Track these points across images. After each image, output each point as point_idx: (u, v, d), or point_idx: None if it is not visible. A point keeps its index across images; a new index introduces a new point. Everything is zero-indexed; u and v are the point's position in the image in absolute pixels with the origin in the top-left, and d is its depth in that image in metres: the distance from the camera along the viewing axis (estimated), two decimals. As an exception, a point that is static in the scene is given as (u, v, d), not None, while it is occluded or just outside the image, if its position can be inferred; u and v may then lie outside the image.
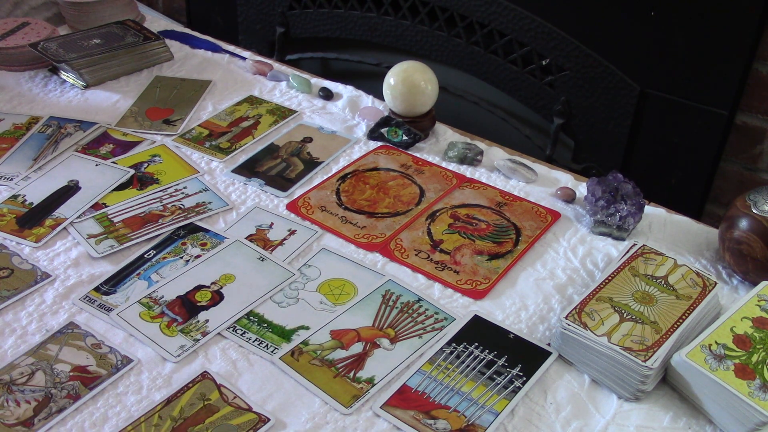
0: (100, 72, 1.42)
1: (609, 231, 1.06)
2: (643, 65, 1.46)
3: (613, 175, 1.10)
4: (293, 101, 1.39)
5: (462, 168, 1.21)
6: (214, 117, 1.33)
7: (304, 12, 1.91)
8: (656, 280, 0.91)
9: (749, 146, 1.49)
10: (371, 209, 1.11)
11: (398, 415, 0.80)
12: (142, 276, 0.98)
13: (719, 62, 1.38)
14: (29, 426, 0.78)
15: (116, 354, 0.87)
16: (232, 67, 1.49)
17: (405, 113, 1.27)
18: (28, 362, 0.85)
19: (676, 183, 1.53)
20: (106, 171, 1.17)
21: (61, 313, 0.92)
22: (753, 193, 0.97)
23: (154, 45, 1.48)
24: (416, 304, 0.94)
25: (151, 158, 1.21)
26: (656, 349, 0.81)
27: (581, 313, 0.85)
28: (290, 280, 0.98)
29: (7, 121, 1.29)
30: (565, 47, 1.53)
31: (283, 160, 1.22)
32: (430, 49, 1.74)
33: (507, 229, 1.07)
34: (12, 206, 1.10)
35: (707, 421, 0.80)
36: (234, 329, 0.90)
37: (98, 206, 1.10)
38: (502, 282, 0.99)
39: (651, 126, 1.51)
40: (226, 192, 1.14)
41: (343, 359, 0.87)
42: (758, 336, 0.82)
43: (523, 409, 0.82)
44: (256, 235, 1.05)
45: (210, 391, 0.82)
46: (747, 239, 0.94)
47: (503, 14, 1.59)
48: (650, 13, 1.41)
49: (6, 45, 1.44)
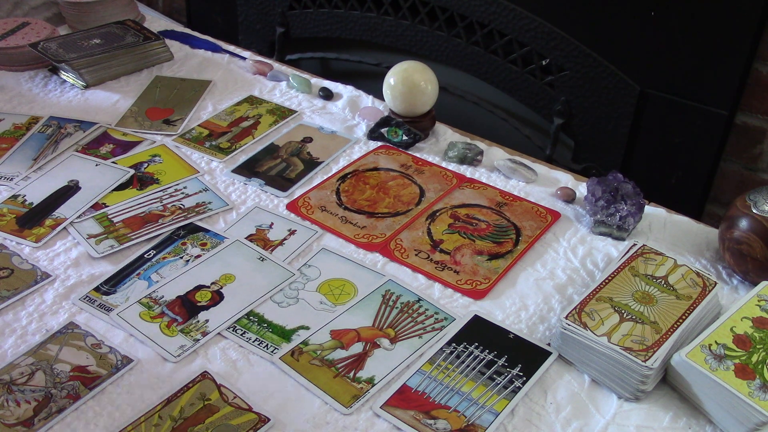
0: (100, 72, 1.42)
1: (609, 231, 1.06)
2: (643, 65, 1.46)
3: (613, 175, 1.10)
4: (293, 101, 1.39)
5: (462, 168, 1.21)
6: (214, 117, 1.33)
7: (304, 12, 1.91)
8: (656, 280, 0.91)
9: (749, 146, 1.49)
10: (371, 209, 1.11)
11: (398, 415, 0.80)
12: (142, 276, 0.98)
13: (719, 62, 1.38)
14: (29, 426, 0.78)
15: (116, 354, 0.87)
16: (232, 67, 1.49)
17: (405, 113, 1.27)
18: (28, 362, 0.85)
19: (676, 183, 1.53)
20: (106, 171, 1.17)
21: (61, 313, 0.92)
22: (753, 193, 0.97)
23: (154, 45, 1.48)
24: (416, 304, 0.94)
25: (151, 158, 1.21)
26: (656, 349, 0.81)
27: (581, 313, 0.85)
28: (290, 280, 0.98)
29: (7, 121, 1.29)
30: (565, 47, 1.53)
31: (283, 160, 1.22)
32: (430, 49, 1.74)
33: (507, 229, 1.07)
34: (12, 206, 1.10)
35: (707, 421, 0.80)
36: (234, 329, 0.90)
37: (98, 206, 1.10)
38: (502, 282, 0.99)
39: (651, 126, 1.51)
40: (226, 192, 1.14)
41: (343, 359, 0.87)
42: (758, 336, 0.82)
43: (523, 409, 0.82)
44: (256, 235, 1.05)
45: (210, 391, 0.82)
46: (747, 239, 0.94)
47: (503, 14, 1.59)
48: (650, 13, 1.41)
49: (6, 45, 1.44)
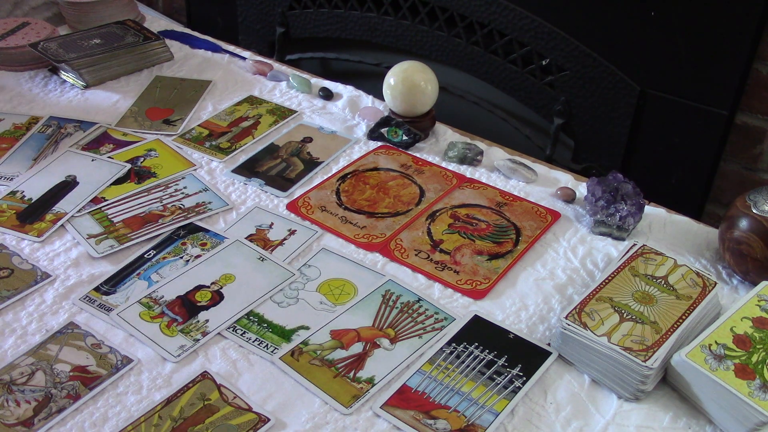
0: (100, 72, 1.42)
1: (609, 231, 1.06)
2: (643, 65, 1.46)
3: (613, 175, 1.10)
4: (293, 101, 1.39)
5: (462, 168, 1.21)
6: (214, 117, 1.33)
7: (304, 12, 1.91)
8: (656, 280, 0.91)
9: (749, 146, 1.49)
10: (371, 209, 1.11)
11: (398, 415, 0.80)
12: (142, 276, 0.98)
13: (719, 62, 1.38)
14: (29, 426, 0.78)
15: (116, 354, 0.87)
16: (232, 67, 1.49)
17: (405, 113, 1.27)
18: (28, 362, 0.85)
19: (676, 183, 1.53)
20: (103, 166, 1.18)
21: (61, 313, 0.92)
22: (753, 193, 0.97)
23: (154, 45, 1.48)
24: (416, 304, 0.94)
25: (147, 152, 1.22)
26: (656, 349, 0.81)
27: (581, 313, 0.85)
28: (290, 280, 0.98)
29: (7, 121, 1.29)
30: (565, 47, 1.53)
31: (283, 160, 1.22)
32: (430, 49, 1.74)
33: (507, 229, 1.07)
34: (11, 202, 1.10)
35: (707, 421, 0.80)
36: (234, 329, 0.90)
37: (97, 200, 1.10)
38: (502, 282, 0.99)
39: (651, 126, 1.51)
40: (226, 192, 1.14)
41: (343, 359, 0.87)
42: (758, 336, 0.82)
43: (523, 409, 0.82)
44: (256, 235, 1.05)
45: (210, 391, 0.82)
46: (747, 239, 0.94)
47: (503, 14, 1.59)
48: (650, 13, 1.41)
49: (6, 45, 1.44)
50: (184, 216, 1.08)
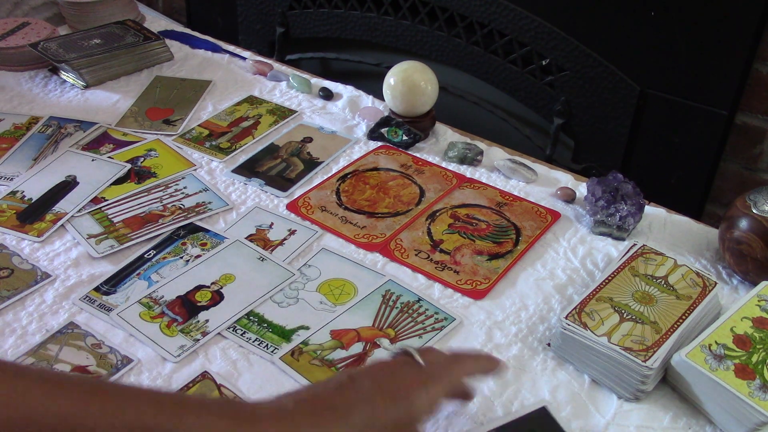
0: (100, 72, 1.42)
1: (609, 231, 1.06)
2: (643, 65, 1.46)
3: (613, 175, 1.10)
4: (293, 101, 1.39)
5: (462, 168, 1.21)
6: (214, 117, 1.33)
7: (304, 12, 1.91)
8: (656, 280, 0.91)
9: (749, 146, 1.49)
10: (371, 209, 1.11)
11: (398, 415, 0.80)
12: (142, 276, 0.98)
13: (719, 62, 1.38)
14: (29, 426, 0.78)
15: (116, 354, 0.87)
16: (232, 67, 1.49)
17: (405, 113, 1.27)
18: (28, 362, 0.85)
19: (676, 183, 1.53)
20: (103, 166, 1.18)
21: (61, 313, 0.92)
22: (753, 193, 0.96)
23: (154, 45, 1.48)
24: (416, 304, 0.94)
25: (147, 152, 1.22)
26: (656, 349, 0.81)
27: (581, 313, 0.85)
28: (290, 280, 0.98)
29: (7, 121, 1.29)
30: (565, 47, 1.53)
31: (283, 160, 1.22)
32: (430, 49, 1.75)
33: (507, 229, 1.07)
34: (11, 202, 1.10)
35: (707, 421, 0.80)
36: (234, 329, 0.90)
37: (97, 200, 1.10)
38: (502, 282, 0.99)
39: (651, 126, 1.51)
40: (226, 192, 1.14)
41: (344, 359, 0.87)
42: (758, 336, 0.82)
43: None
44: (256, 235, 1.05)
45: (210, 391, 0.82)
46: (747, 239, 0.94)
47: (503, 14, 1.59)
48: (650, 13, 1.41)
49: (6, 45, 1.44)
50: (184, 216, 1.08)
